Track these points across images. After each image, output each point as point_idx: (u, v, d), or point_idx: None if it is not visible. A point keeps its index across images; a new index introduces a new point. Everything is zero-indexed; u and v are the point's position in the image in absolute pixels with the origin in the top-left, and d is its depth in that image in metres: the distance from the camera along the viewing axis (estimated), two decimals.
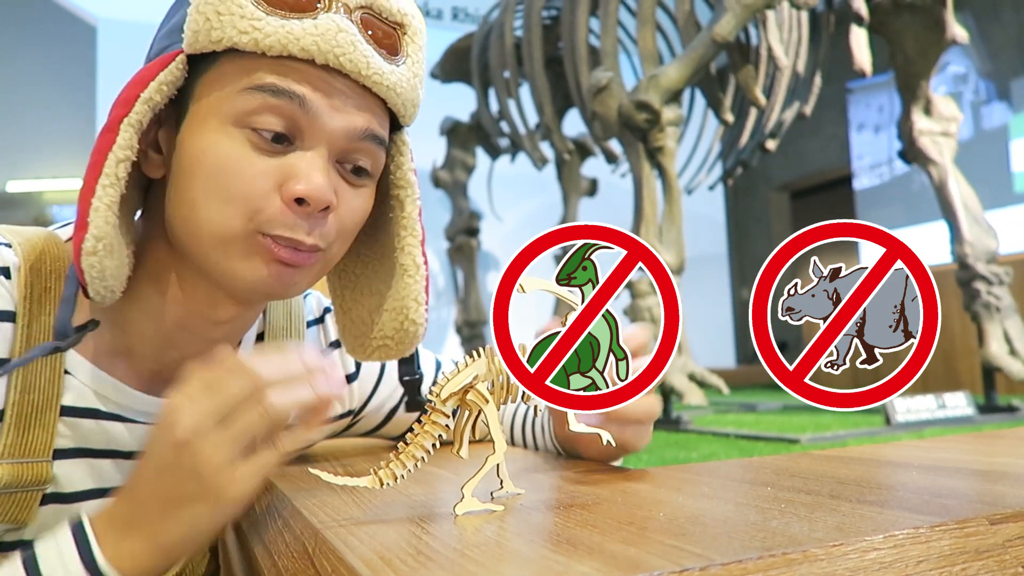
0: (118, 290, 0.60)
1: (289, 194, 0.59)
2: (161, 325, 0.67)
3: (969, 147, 5.05)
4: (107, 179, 0.57)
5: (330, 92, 0.60)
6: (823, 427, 1.99)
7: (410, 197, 0.70)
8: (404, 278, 0.69)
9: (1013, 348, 1.94)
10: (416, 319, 0.69)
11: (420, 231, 0.70)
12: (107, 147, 0.57)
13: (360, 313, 0.73)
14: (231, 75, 0.59)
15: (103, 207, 0.56)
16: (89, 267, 0.57)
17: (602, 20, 2.11)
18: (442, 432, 0.50)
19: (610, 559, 0.34)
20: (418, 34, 0.66)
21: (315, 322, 0.85)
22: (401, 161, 0.70)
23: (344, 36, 0.58)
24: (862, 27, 1.66)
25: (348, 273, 0.75)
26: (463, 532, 0.43)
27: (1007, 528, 0.40)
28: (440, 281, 6.08)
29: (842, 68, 1.84)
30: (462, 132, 3.93)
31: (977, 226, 2.00)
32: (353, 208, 0.65)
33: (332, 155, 0.62)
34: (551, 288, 0.52)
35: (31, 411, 0.62)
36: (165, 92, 0.59)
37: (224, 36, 0.57)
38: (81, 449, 0.66)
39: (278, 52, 0.57)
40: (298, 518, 0.52)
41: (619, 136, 2.06)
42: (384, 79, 0.61)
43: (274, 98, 0.58)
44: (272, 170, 0.59)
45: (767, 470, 0.61)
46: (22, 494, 0.62)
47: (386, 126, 0.66)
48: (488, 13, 3.35)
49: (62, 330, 0.60)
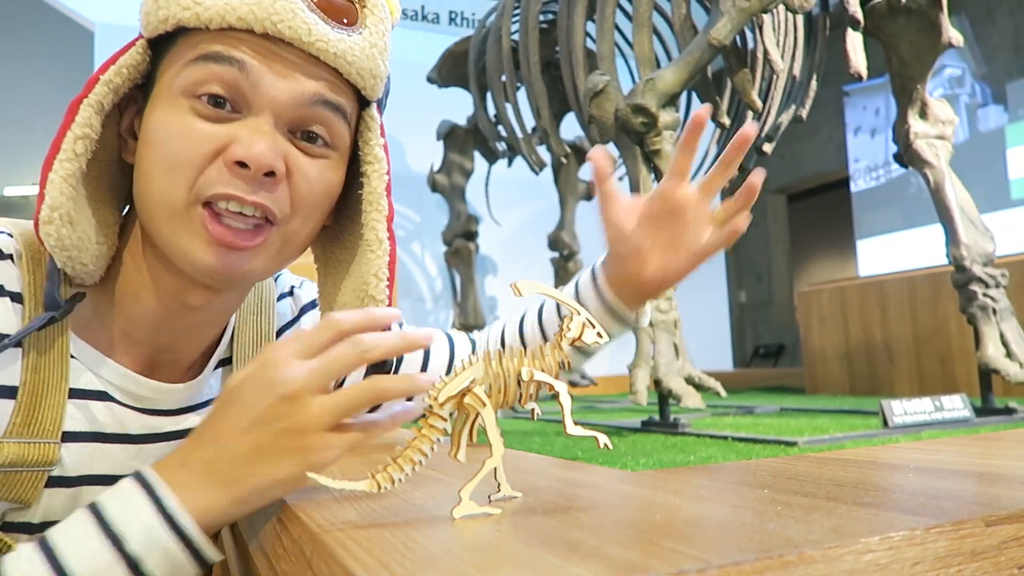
0: (90, 264, 0.63)
1: (229, 157, 0.60)
2: (146, 309, 0.68)
3: (965, 149, 5.07)
4: (63, 154, 0.59)
5: (274, 59, 0.61)
6: (820, 429, 1.99)
7: (377, 172, 0.69)
8: (366, 253, 0.68)
9: (1010, 350, 1.94)
10: (376, 295, 0.68)
11: (386, 207, 0.69)
12: (67, 126, 0.60)
13: (335, 295, 0.72)
14: (181, 51, 0.61)
15: (58, 179, 0.59)
16: (46, 235, 0.60)
17: (599, 24, 2.11)
18: (439, 435, 0.50)
19: (607, 562, 0.34)
20: (378, 6, 0.66)
21: (285, 295, 0.86)
22: (369, 137, 0.69)
23: (283, 4, 0.60)
24: (857, 31, 1.67)
25: (332, 260, 0.75)
26: (461, 535, 0.43)
27: (1003, 530, 0.40)
28: (438, 285, 6.07)
29: (838, 72, 1.85)
30: (459, 136, 3.93)
31: (973, 229, 2.01)
32: (309, 177, 0.64)
33: (281, 123, 0.62)
34: (547, 291, 0.52)
35: (41, 391, 0.63)
36: (126, 75, 0.62)
37: (169, 14, 0.60)
38: (93, 433, 0.67)
39: (218, 24, 0.59)
40: (295, 522, 0.52)
41: (616, 140, 2.06)
42: (330, 46, 0.62)
43: (217, 65, 0.60)
44: (215, 135, 0.60)
45: (764, 472, 0.61)
46: (27, 473, 0.62)
47: (346, 96, 0.66)
48: (485, 17, 3.36)
49: (51, 302, 0.62)
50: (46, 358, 0.63)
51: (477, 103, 3.47)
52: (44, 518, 0.65)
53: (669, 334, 1.89)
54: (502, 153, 3.79)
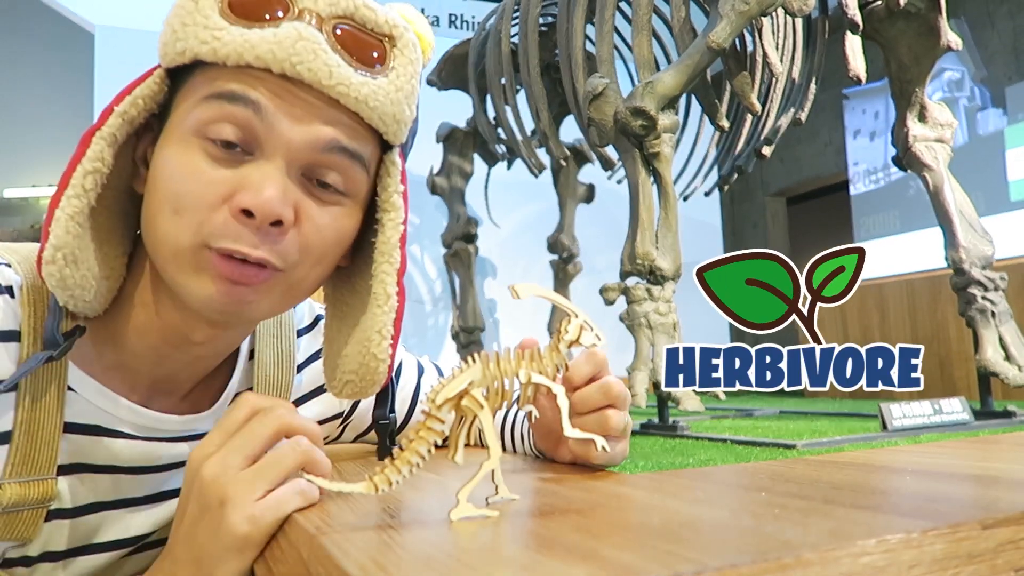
0: (93, 300, 0.61)
1: (235, 205, 0.57)
2: (148, 342, 0.66)
3: (964, 153, 5.08)
4: (72, 190, 0.57)
5: (291, 101, 0.58)
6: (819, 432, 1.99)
7: (392, 221, 0.65)
8: (373, 308, 0.65)
9: (1009, 353, 1.94)
10: (377, 353, 0.64)
11: (398, 259, 0.65)
12: (78, 159, 0.57)
13: (339, 345, 0.68)
14: (197, 86, 0.59)
15: (64, 217, 0.57)
16: (48, 276, 0.57)
17: (598, 27, 2.12)
18: (437, 438, 0.50)
19: (605, 564, 0.34)
20: (409, 47, 0.63)
21: (306, 330, 0.84)
22: (388, 183, 0.66)
23: (304, 44, 0.56)
24: (856, 34, 1.67)
25: (340, 303, 0.71)
26: (458, 537, 0.43)
27: (999, 533, 0.40)
28: (437, 287, 6.07)
29: (837, 75, 1.85)
30: (459, 138, 3.94)
31: (972, 232, 2.01)
32: (320, 226, 0.61)
33: (293, 168, 0.59)
34: (546, 294, 0.52)
35: (37, 429, 0.61)
36: (142, 106, 0.60)
37: (187, 47, 0.57)
38: (80, 464, 0.66)
39: (235, 61, 0.56)
40: (293, 524, 0.52)
41: (615, 142, 2.06)
42: (352, 90, 0.58)
43: (231, 104, 0.57)
44: (223, 180, 0.57)
45: (762, 475, 0.61)
46: (28, 512, 0.61)
47: (366, 142, 0.63)
48: (485, 20, 3.36)
49: (50, 339, 0.60)
50: (42, 394, 0.61)
51: (477, 106, 3.47)
52: (43, 550, 0.65)
53: (668, 337, 1.89)
54: (501, 156, 3.79)
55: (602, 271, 5.09)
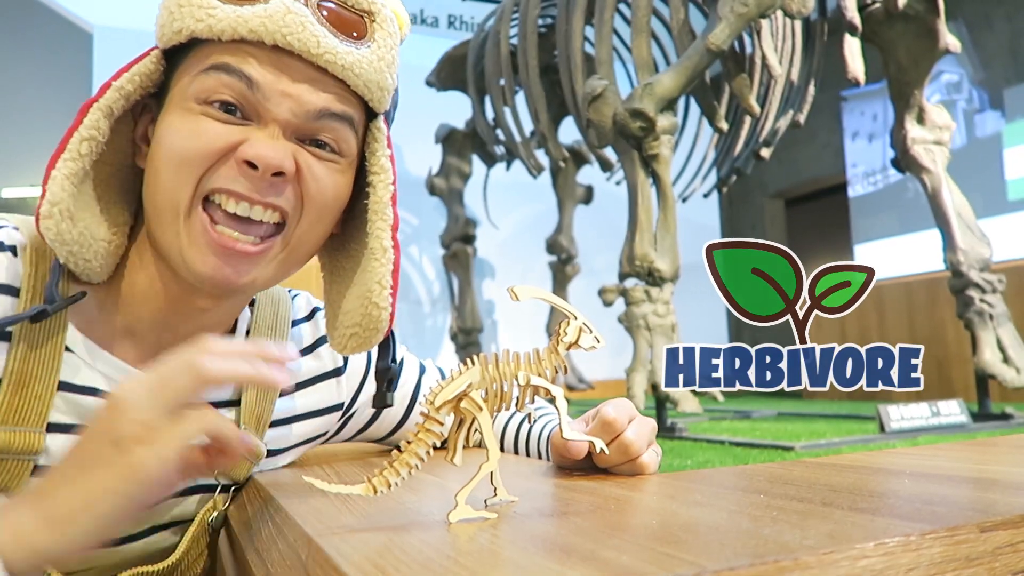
0: (94, 262, 0.64)
1: (239, 155, 0.61)
2: (154, 308, 0.69)
3: (962, 155, 5.09)
4: (68, 154, 0.61)
5: (282, 71, 0.62)
6: (817, 434, 1.99)
7: (383, 182, 0.69)
8: (371, 261, 0.68)
9: (1007, 355, 1.95)
10: (379, 302, 0.68)
11: (391, 216, 0.69)
12: (75, 127, 0.61)
13: (339, 302, 0.73)
14: (194, 62, 0.63)
15: (60, 176, 0.61)
16: (45, 230, 0.61)
17: (597, 28, 2.12)
18: (436, 440, 0.50)
19: (603, 566, 0.34)
20: (388, 21, 0.67)
21: (302, 320, 0.85)
22: (376, 148, 0.70)
23: (292, 17, 0.61)
24: (855, 36, 1.68)
25: (337, 268, 0.75)
26: (457, 540, 0.43)
27: (997, 536, 0.40)
28: (436, 288, 6.07)
29: (836, 77, 1.85)
30: (458, 139, 3.94)
31: (970, 234, 2.01)
32: (318, 176, 0.65)
33: (288, 131, 0.64)
34: (545, 296, 0.52)
35: (28, 381, 0.63)
36: (138, 82, 0.64)
37: (183, 26, 0.62)
38: (80, 426, 0.66)
39: (230, 36, 0.61)
40: (291, 526, 0.52)
41: (614, 144, 2.07)
42: (338, 58, 0.63)
43: (227, 76, 0.61)
44: (225, 133, 0.62)
45: (760, 478, 0.61)
46: (13, 462, 0.63)
47: (353, 107, 0.67)
48: (484, 21, 3.36)
49: (50, 296, 0.63)
50: (37, 349, 0.64)
51: (475, 107, 3.47)
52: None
53: (667, 338, 1.89)
54: (500, 157, 3.79)
55: (601, 272, 5.10)
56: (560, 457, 0.71)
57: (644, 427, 0.67)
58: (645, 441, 0.67)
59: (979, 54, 5.67)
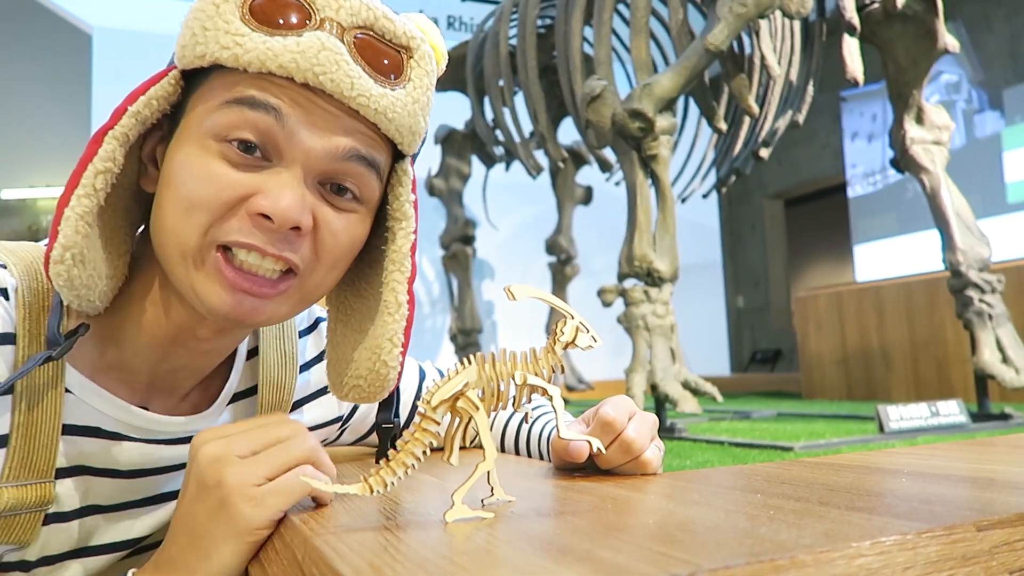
0: (97, 299, 0.60)
1: (253, 209, 0.57)
2: (153, 339, 0.66)
3: (962, 155, 5.09)
4: (82, 189, 0.57)
5: (311, 110, 0.58)
6: (817, 434, 1.99)
7: (404, 231, 0.66)
8: (384, 316, 0.66)
9: (1006, 356, 1.95)
10: (388, 361, 0.65)
11: (409, 267, 0.66)
12: (89, 158, 0.57)
13: (345, 350, 0.69)
14: (216, 90, 0.58)
15: (74, 216, 0.56)
16: (56, 275, 0.57)
17: (596, 29, 2.12)
18: (432, 439, 0.50)
19: (599, 566, 0.34)
20: (426, 58, 0.63)
21: (307, 331, 0.84)
22: (400, 192, 0.66)
23: (327, 55, 0.56)
24: (854, 37, 1.68)
25: (345, 307, 0.72)
26: (453, 539, 0.43)
27: (994, 535, 0.40)
28: (435, 289, 6.07)
29: (835, 77, 1.85)
30: (457, 140, 3.94)
31: (969, 234, 2.01)
32: (335, 231, 0.62)
33: (311, 176, 0.60)
34: (541, 295, 0.52)
35: (35, 432, 0.61)
36: (155, 107, 0.59)
37: (208, 51, 0.57)
38: (79, 467, 0.65)
39: (257, 68, 0.56)
40: (288, 525, 0.52)
41: (613, 144, 2.07)
42: (372, 102, 0.59)
43: (251, 111, 0.57)
44: (240, 183, 0.57)
45: (758, 477, 0.61)
46: (26, 515, 0.61)
47: (381, 150, 0.63)
48: (483, 22, 3.36)
49: (52, 339, 0.60)
50: (39, 396, 0.61)
51: (475, 107, 3.47)
52: (41, 554, 0.64)
53: (666, 339, 1.89)
54: (499, 157, 3.79)
55: (600, 273, 5.10)
56: (561, 460, 0.70)
57: (645, 424, 0.66)
58: (647, 438, 0.66)
59: (978, 55, 5.67)
